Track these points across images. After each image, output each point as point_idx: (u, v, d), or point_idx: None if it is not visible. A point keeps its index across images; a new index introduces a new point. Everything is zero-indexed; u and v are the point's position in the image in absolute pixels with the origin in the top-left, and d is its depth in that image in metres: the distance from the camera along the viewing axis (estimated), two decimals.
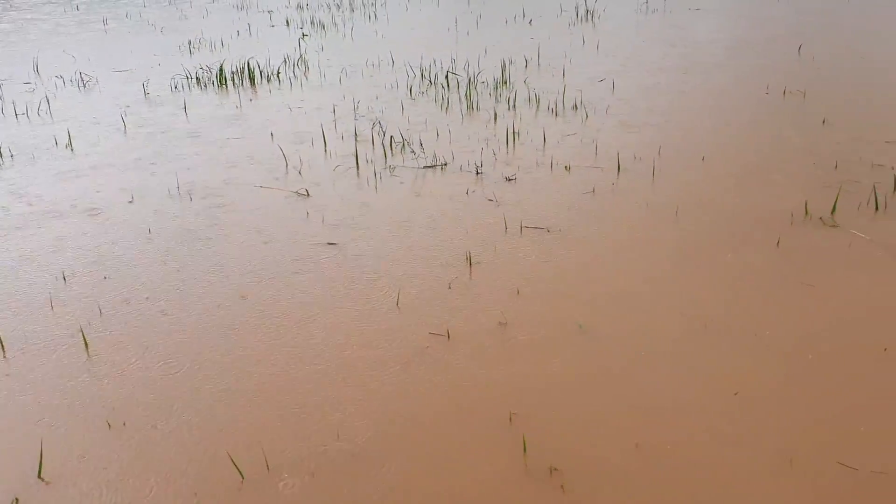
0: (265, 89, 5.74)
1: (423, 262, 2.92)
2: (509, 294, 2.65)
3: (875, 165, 3.68)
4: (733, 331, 2.36)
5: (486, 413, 2.03)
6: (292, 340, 2.42)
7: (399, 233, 3.19)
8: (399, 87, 5.64)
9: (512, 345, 2.34)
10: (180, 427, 2.03)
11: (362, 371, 2.24)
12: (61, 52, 7.51)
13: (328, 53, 6.99)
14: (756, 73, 5.55)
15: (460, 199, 3.52)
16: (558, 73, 5.84)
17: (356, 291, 2.72)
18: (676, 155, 3.96)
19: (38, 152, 4.44)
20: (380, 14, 9.19)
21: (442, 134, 4.50)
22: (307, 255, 3.03)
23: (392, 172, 3.92)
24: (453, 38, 7.52)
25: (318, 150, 4.30)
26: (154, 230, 3.31)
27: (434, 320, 2.50)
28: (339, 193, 3.66)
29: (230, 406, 2.11)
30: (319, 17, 9.13)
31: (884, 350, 2.23)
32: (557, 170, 3.85)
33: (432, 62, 6.44)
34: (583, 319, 2.47)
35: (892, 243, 2.89)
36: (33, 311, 2.67)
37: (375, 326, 2.48)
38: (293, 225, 3.32)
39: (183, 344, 2.43)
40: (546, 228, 3.17)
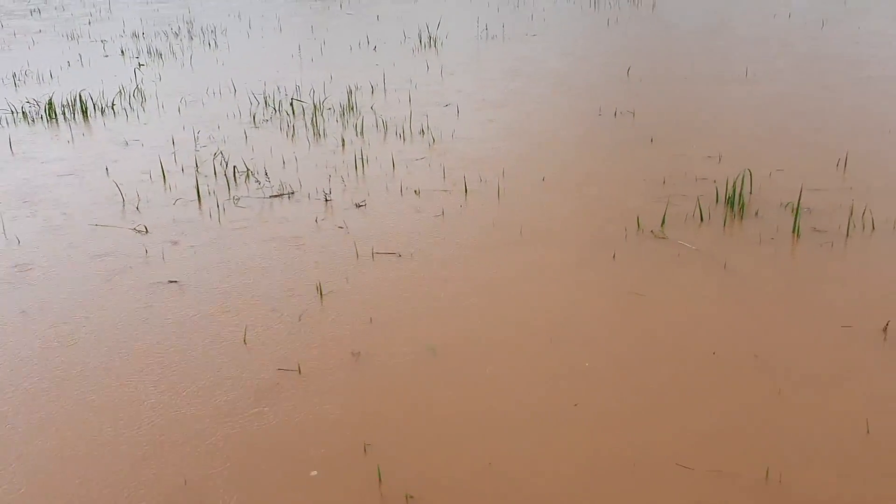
0: (99, 122, 5.47)
1: (272, 294, 2.86)
2: (362, 323, 2.63)
3: (699, 179, 3.94)
4: (576, 344, 2.45)
5: (340, 445, 2.00)
6: (136, 381, 2.30)
7: (246, 266, 3.11)
8: (242, 116, 5.53)
9: (365, 374, 2.33)
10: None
11: (210, 411, 2.15)
12: None
13: (166, 83, 6.75)
14: (589, 95, 5.84)
15: (309, 228, 3.48)
16: (404, 99, 5.91)
17: (201, 330, 2.62)
18: (519, 176, 4.09)
19: None
20: (220, 42, 8.99)
21: (288, 162, 4.44)
22: (147, 293, 2.89)
23: (236, 203, 3.82)
24: (297, 64, 7.46)
25: (157, 184, 4.13)
26: None
27: (284, 355, 2.44)
28: (180, 228, 3.53)
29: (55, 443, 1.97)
30: (156, 45, 8.81)
31: (712, 353, 2.39)
32: (407, 194, 3.88)
33: (276, 89, 6.35)
34: (435, 343, 2.49)
35: (716, 252, 3.11)
36: None
37: (222, 365, 2.39)
38: (132, 263, 3.16)
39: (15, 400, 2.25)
40: (397, 253, 3.18)
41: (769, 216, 3.45)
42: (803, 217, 3.43)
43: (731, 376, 2.26)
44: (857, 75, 6.22)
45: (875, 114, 5.07)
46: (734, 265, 2.98)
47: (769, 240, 3.20)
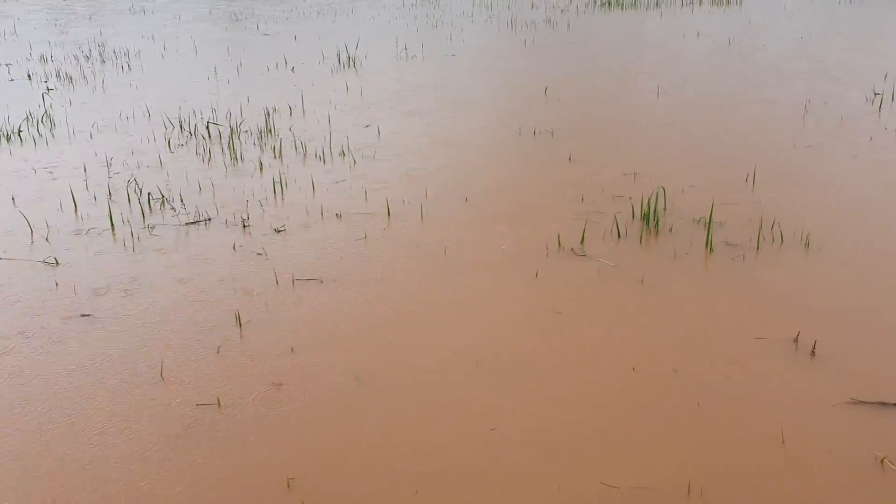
0: (5, 150, 5.25)
1: (188, 326, 2.77)
2: (283, 352, 2.58)
3: (616, 196, 4.03)
4: (500, 365, 2.46)
5: (263, 481, 1.95)
6: (48, 421, 2.19)
7: (161, 296, 3.01)
8: (157, 140, 5.39)
9: (287, 406, 2.28)
10: None
11: (124, 452, 2.07)
12: None
13: (77, 108, 6.53)
14: (508, 115, 5.91)
15: (227, 255, 3.40)
16: (324, 120, 5.87)
17: (115, 365, 2.52)
18: (442, 197, 4.10)
19: None
20: (133, 65, 8.76)
21: (205, 187, 4.34)
22: (58, 329, 2.77)
23: (151, 232, 3.71)
24: (213, 86, 7.33)
25: (68, 214, 3.98)
26: None
27: (203, 389, 2.37)
28: (92, 259, 3.40)
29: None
30: (66, 69, 8.52)
31: (632, 369, 2.43)
32: (328, 218, 3.84)
33: (192, 113, 6.22)
34: (359, 371, 2.45)
35: (634, 268, 3.17)
36: None
37: (136, 404, 2.31)
38: (40, 297, 3.03)
39: None
40: (319, 279, 3.14)
41: (683, 231, 3.54)
42: (716, 231, 3.53)
43: (651, 391, 2.30)
44: (763, 93, 6.48)
45: (781, 129, 5.28)
46: (651, 280, 3.04)
47: (684, 255, 3.28)
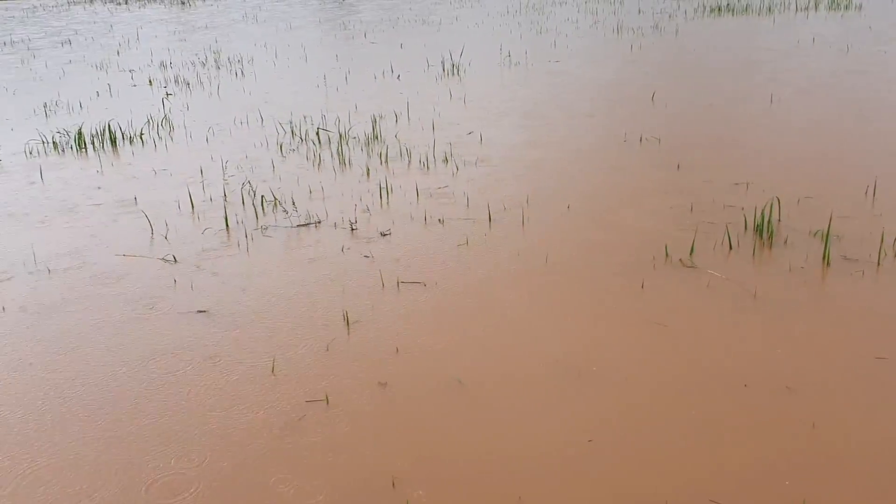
0: (128, 152, 5.55)
1: (299, 324, 2.86)
2: (389, 353, 2.63)
3: (727, 206, 3.92)
4: (601, 376, 2.43)
5: (368, 479, 1.99)
6: (158, 414, 2.31)
7: (274, 295, 3.12)
8: (269, 145, 5.58)
9: (392, 406, 2.32)
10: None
11: (236, 442, 2.15)
12: None
13: (194, 113, 6.85)
14: (614, 121, 5.84)
15: (336, 257, 3.49)
16: (428, 127, 5.95)
17: (229, 359, 2.63)
18: (544, 203, 4.08)
19: None
20: (247, 71, 9.11)
21: (314, 191, 4.47)
22: (176, 324, 2.91)
23: (264, 233, 3.85)
24: (323, 93, 7.54)
25: (186, 214, 4.17)
26: (8, 307, 3.10)
27: (312, 386, 2.44)
28: (208, 258, 3.55)
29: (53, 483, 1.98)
30: (184, 75, 8.95)
31: (744, 386, 2.35)
32: (431, 223, 3.89)
33: (302, 119, 6.42)
34: (462, 374, 2.48)
35: (746, 281, 3.07)
36: None
37: (249, 396, 2.40)
38: (160, 293, 3.19)
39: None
40: (422, 283, 3.18)
41: (799, 244, 3.41)
42: (833, 245, 3.39)
43: (763, 409, 2.22)
44: (884, 100, 6.17)
45: None
46: (764, 294, 2.94)
47: (799, 268, 3.16)
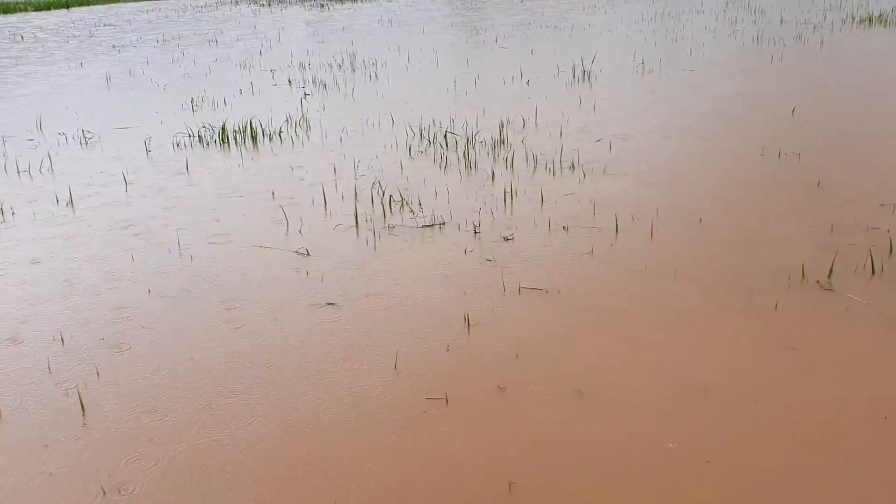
0: (267, 148, 5.81)
1: (421, 323, 2.92)
2: (508, 357, 2.64)
3: (870, 228, 3.70)
4: (730, 399, 2.35)
5: (485, 482, 2.01)
6: (286, 400, 2.41)
7: (398, 292, 3.20)
8: (398, 147, 5.71)
9: (511, 410, 2.33)
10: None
11: (358, 435, 2.22)
12: (64, 108, 7.61)
13: (329, 113, 7.09)
14: (751, 134, 5.63)
15: (458, 259, 3.54)
16: (556, 133, 5.92)
17: (353, 352, 2.71)
18: (674, 216, 3.99)
19: (39, 211, 4.47)
20: (380, 74, 9.35)
21: (440, 193, 4.54)
22: (306, 314, 3.03)
23: (391, 232, 3.94)
24: (452, 97, 7.64)
25: (319, 210, 4.33)
26: (154, 290, 3.32)
27: (432, 384, 2.49)
28: (338, 253, 3.68)
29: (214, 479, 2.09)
30: (321, 76, 9.28)
31: (884, 418, 2.22)
32: (555, 230, 3.87)
33: (431, 122, 6.53)
34: (582, 385, 2.46)
35: (890, 308, 2.90)
36: (32, 373, 2.66)
37: (372, 389, 2.47)
38: (292, 284, 3.33)
39: (175, 399, 2.41)
40: (544, 290, 3.18)
41: None
42: None
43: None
44: None
45: None
46: None
47: None
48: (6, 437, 2.29)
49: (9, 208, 4.51)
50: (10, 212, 4.45)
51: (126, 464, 2.14)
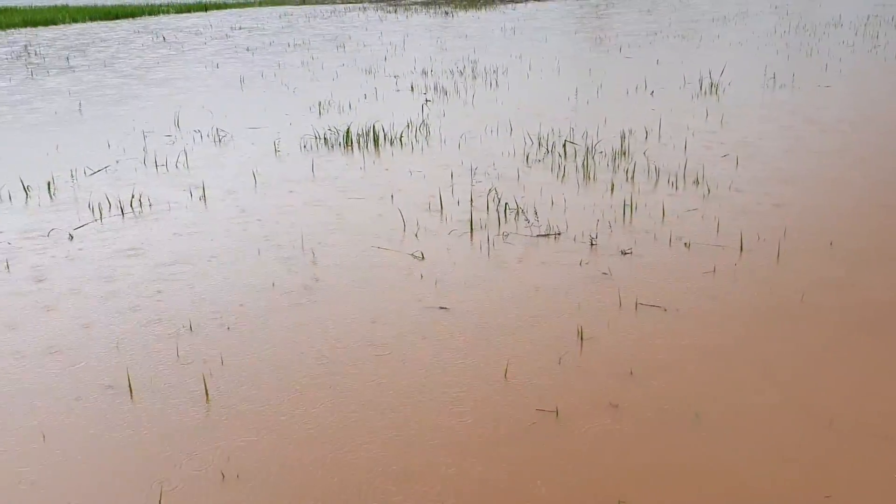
0: (388, 152, 5.93)
1: (533, 333, 2.90)
2: (622, 374, 2.59)
3: None
4: (856, 433, 2.22)
5: (593, 499, 1.97)
6: (393, 398, 2.44)
7: (510, 301, 3.19)
8: (516, 155, 5.71)
9: (623, 429, 2.28)
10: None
11: (466, 440, 2.23)
12: (201, 107, 8.01)
13: (449, 119, 7.16)
14: (887, 154, 5.31)
15: (574, 271, 3.50)
16: (679, 147, 5.77)
17: (464, 358, 2.72)
18: (802, 237, 3.81)
19: (174, 203, 4.72)
20: (501, 82, 9.38)
21: (557, 203, 4.50)
22: (418, 317, 3.06)
23: (505, 239, 3.94)
24: (573, 106, 7.57)
25: (435, 214, 4.38)
26: (277, 284, 3.44)
27: (543, 395, 2.46)
28: (452, 258, 3.70)
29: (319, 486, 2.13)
30: (443, 83, 9.39)
31: None
32: (676, 246, 3.77)
33: (550, 130, 6.49)
34: (698, 406, 2.38)
35: None
36: (158, 357, 2.80)
37: (482, 397, 2.47)
38: (407, 286, 3.37)
39: (295, 403, 2.49)
40: (662, 307, 3.10)
41: None
42: None
43: None
44: None
45: None
46: None
47: None
48: (135, 415, 2.42)
49: (146, 200, 4.79)
50: (148, 203, 4.72)
51: (243, 449, 2.22)
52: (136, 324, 3.07)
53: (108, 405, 2.48)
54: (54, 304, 3.29)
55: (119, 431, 2.34)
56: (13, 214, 4.56)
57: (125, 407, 2.47)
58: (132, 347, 2.87)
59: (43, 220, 4.44)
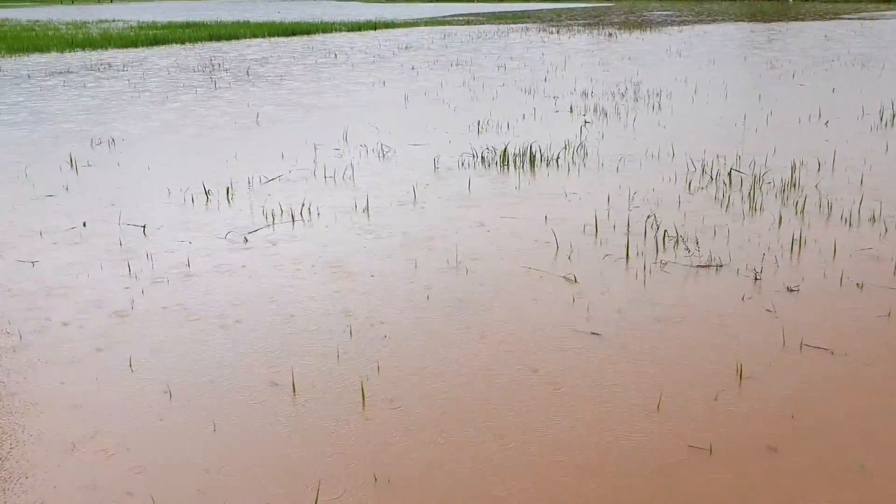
0: (544, 172, 5.95)
1: (689, 366, 2.83)
2: (782, 417, 2.48)
3: None
4: None
5: None
6: (540, 424, 2.45)
7: (666, 332, 3.12)
8: (677, 180, 5.57)
9: (781, 473, 2.18)
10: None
11: (616, 473, 2.20)
12: (367, 123, 8.36)
13: (608, 141, 7.10)
14: None
15: (734, 305, 3.38)
16: (855, 180, 5.43)
17: (616, 387, 2.69)
18: None
19: (339, 214, 4.96)
20: (664, 104, 9.18)
21: (719, 233, 4.36)
22: (570, 341, 3.06)
23: (663, 268, 3.86)
24: (740, 133, 7.30)
25: (589, 237, 4.35)
26: (433, 296, 3.54)
27: (696, 432, 2.40)
28: (606, 283, 3.67)
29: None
30: (603, 104, 9.31)
31: None
32: (847, 286, 3.56)
33: (715, 157, 6.29)
34: (865, 460, 2.24)
35: None
36: (324, 355, 2.96)
37: (633, 427, 2.43)
38: (558, 309, 3.38)
39: (449, 412, 2.55)
40: (830, 350, 2.93)
41: None
42: None
43: None
44: None
45: None
46: None
47: None
48: (297, 413, 2.57)
49: (315, 209, 5.05)
50: (316, 212, 4.98)
51: (397, 457, 2.30)
52: (301, 327, 3.25)
53: (273, 401, 2.64)
54: (227, 301, 3.54)
55: (281, 427, 2.48)
56: (195, 216, 4.94)
57: (287, 405, 2.62)
58: (296, 348, 3.05)
59: (221, 224, 4.78)
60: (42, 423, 2.52)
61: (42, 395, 2.71)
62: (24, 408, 2.62)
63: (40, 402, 2.65)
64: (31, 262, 4.11)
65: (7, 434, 2.46)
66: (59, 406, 2.64)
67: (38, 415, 2.57)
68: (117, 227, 4.74)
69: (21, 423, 2.52)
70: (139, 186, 5.74)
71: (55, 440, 2.42)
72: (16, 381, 2.81)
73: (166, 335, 3.19)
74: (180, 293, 3.65)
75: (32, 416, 2.56)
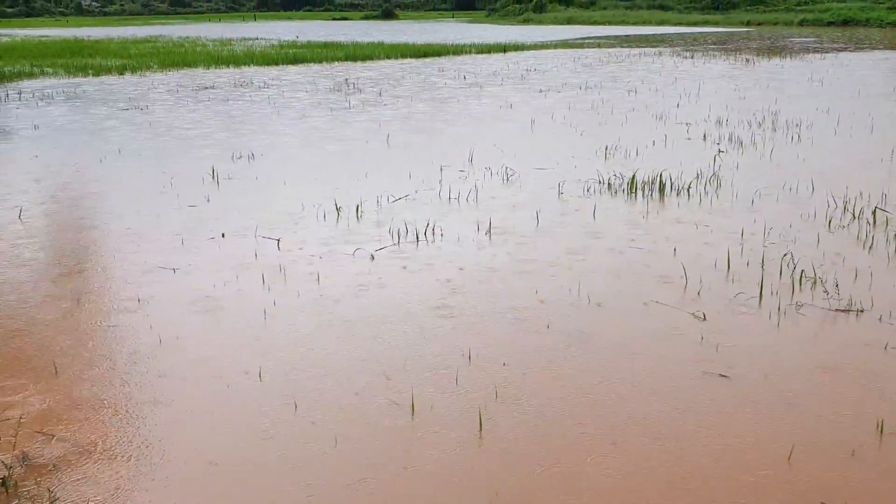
0: (673, 202, 5.80)
1: (824, 417, 2.68)
2: None
3: None
4: None
5: None
6: (677, 471, 2.38)
7: (800, 378, 2.97)
8: (816, 217, 5.31)
9: None
10: None
11: None
12: (493, 145, 8.41)
13: (743, 172, 6.85)
14: None
15: (876, 354, 3.18)
16: None
17: (745, 434, 2.58)
18: None
19: (462, 236, 5.01)
20: (804, 136, 8.78)
21: (861, 275, 4.12)
22: (697, 381, 2.96)
23: (798, 310, 3.68)
24: (887, 169, 6.88)
25: (720, 273, 4.21)
26: (553, 325, 3.51)
27: (829, 489, 2.27)
28: (736, 323, 3.53)
29: None
30: (738, 133, 9.00)
31: None
32: None
33: (858, 194, 5.95)
34: None
35: None
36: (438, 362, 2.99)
37: (762, 479, 2.33)
38: (685, 347, 3.28)
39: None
40: None
41: None
42: None
43: None
44: None
45: None
46: None
47: None
48: (415, 431, 2.60)
49: (439, 230, 5.12)
50: (440, 233, 5.05)
51: (516, 482, 2.29)
52: (420, 350, 3.30)
53: (390, 421, 2.69)
54: (350, 319, 3.63)
55: (399, 447, 2.52)
56: (325, 232, 5.11)
57: (405, 425, 2.66)
58: (417, 370, 3.09)
59: (350, 240, 4.92)
60: (185, 439, 2.66)
61: (183, 411, 2.87)
62: (165, 423, 2.78)
63: (180, 419, 2.81)
64: (173, 270, 4.37)
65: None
66: (195, 425, 2.78)
67: (181, 429, 2.72)
68: (253, 239, 4.96)
69: (164, 437, 2.67)
70: (275, 200, 5.99)
71: (191, 458, 2.55)
72: (154, 386, 2.99)
73: (294, 345, 3.31)
74: (310, 307, 3.78)
75: (173, 435, 2.71)
